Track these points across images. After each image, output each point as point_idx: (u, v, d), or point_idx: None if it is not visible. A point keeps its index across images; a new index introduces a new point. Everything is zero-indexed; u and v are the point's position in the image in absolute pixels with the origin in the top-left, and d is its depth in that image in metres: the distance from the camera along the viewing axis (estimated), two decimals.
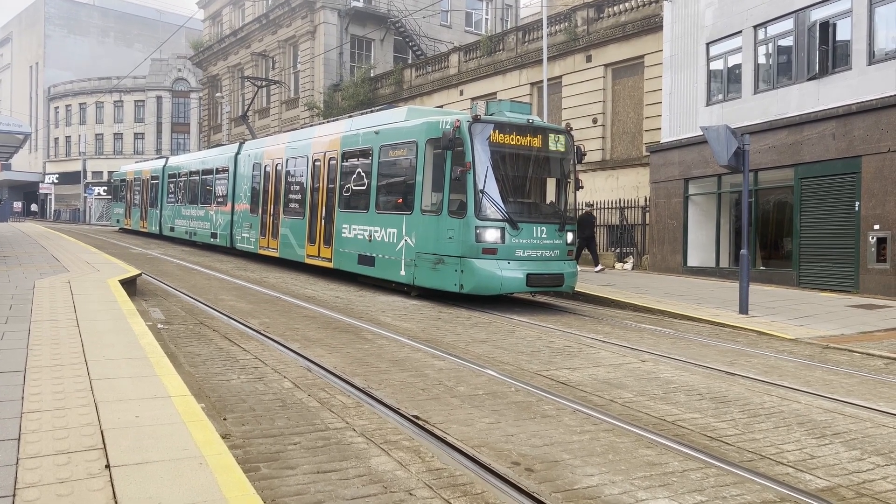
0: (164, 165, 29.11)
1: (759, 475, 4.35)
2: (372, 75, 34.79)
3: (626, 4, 22.07)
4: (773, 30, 16.86)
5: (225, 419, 5.02)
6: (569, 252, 12.34)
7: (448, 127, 11.62)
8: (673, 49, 19.39)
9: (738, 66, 17.67)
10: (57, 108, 68.56)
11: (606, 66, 22.70)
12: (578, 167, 13.29)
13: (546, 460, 4.47)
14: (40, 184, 69.08)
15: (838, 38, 15.48)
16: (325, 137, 16.30)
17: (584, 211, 18.55)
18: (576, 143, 12.89)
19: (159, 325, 8.83)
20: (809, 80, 15.88)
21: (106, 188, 62.50)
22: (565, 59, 23.89)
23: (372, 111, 15.69)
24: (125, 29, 73.23)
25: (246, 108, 29.93)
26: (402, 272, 12.73)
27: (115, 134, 65.95)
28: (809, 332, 10.22)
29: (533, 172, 12.46)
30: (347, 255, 14.62)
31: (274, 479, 3.94)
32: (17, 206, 67.91)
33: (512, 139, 11.79)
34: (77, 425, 4.01)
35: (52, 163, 69.52)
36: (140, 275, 12.65)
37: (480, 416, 5.40)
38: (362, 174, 14.35)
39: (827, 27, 15.53)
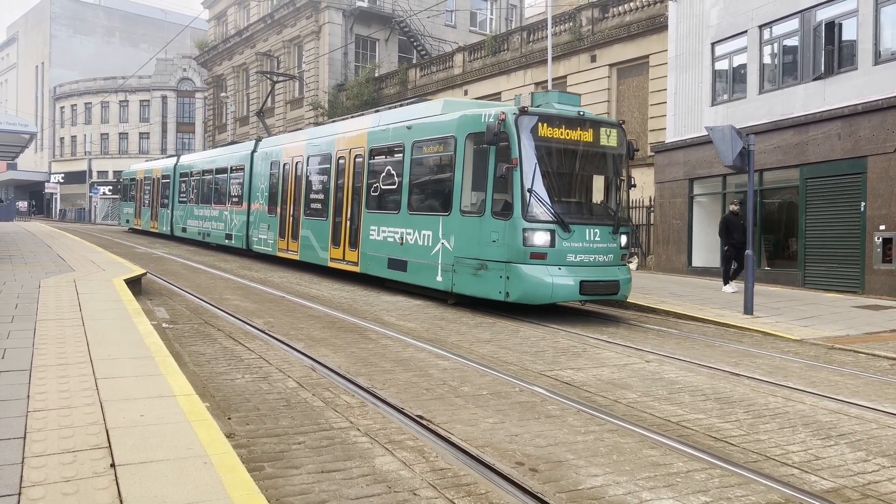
0: (176, 164, 28.46)
1: (763, 476, 4.34)
2: (376, 75, 34.81)
3: (631, 4, 22.04)
4: (778, 30, 16.81)
5: (229, 418, 5.03)
6: (622, 256, 11.31)
7: (492, 120, 10.63)
8: (678, 49, 19.35)
9: (744, 66, 17.62)
10: (62, 107, 68.77)
11: (611, 65, 22.67)
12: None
13: (550, 460, 4.47)
14: (46, 183, 69.29)
15: (844, 37, 15.43)
16: (350, 134, 15.31)
17: (729, 211, 15.24)
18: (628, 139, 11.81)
19: (164, 325, 8.85)
20: (815, 80, 15.83)
21: (111, 188, 62.76)
22: (570, 59, 23.87)
23: (401, 104, 14.74)
24: (131, 29, 73.41)
25: (262, 104, 29.06)
26: (439, 278, 11.80)
27: (120, 133, 66.11)
28: (814, 332, 10.19)
29: (584, 169, 11.40)
30: (376, 258, 13.69)
31: (278, 479, 3.94)
32: (22, 205, 68.14)
33: (561, 133, 10.74)
34: (82, 424, 4.03)
35: (57, 162, 69.73)
36: (145, 274, 12.69)
37: (485, 416, 5.40)
38: (392, 172, 13.39)
39: (833, 27, 15.48)
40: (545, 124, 10.63)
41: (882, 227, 14.58)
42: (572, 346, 8.67)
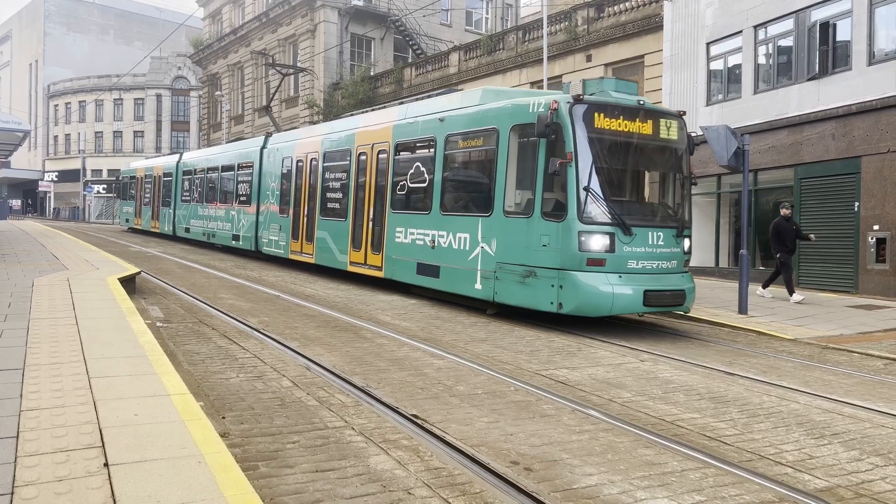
0: (179, 162, 27.38)
1: (757, 475, 4.34)
2: (372, 74, 34.77)
3: (627, 4, 22.06)
4: (773, 30, 16.86)
5: (224, 418, 5.02)
6: (685, 263, 10.25)
7: (542, 109, 9.51)
8: (673, 49, 19.39)
9: (738, 66, 17.67)
10: (56, 105, 68.52)
11: (606, 65, 22.68)
12: None
13: (545, 459, 4.47)
14: (39, 182, 69.04)
15: (838, 38, 15.48)
16: (373, 128, 14.20)
17: (780, 216, 13.68)
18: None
19: (158, 324, 8.83)
20: (809, 80, 15.87)
21: (105, 186, 62.55)
22: (565, 59, 23.87)
23: (430, 95, 13.69)
24: (125, 27, 73.19)
25: (269, 98, 27.26)
26: (478, 286, 10.70)
27: (114, 132, 65.91)
28: (808, 332, 10.22)
29: (644, 165, 10.50)
30: (402, 263, 12.61)
31: (272, 478, 3.93)
32: (16, 203, 67.86)
33: (620, 125, 9.63)
34: (76, 423, 4.01)
35: (51, 160, 69.47)
36: (139, 273, 12.65)
37: (479, 416, 5.39)
38: (422, 169, 12.32)
39: (827, 27, 15.53)
40: (602, 114, 9.52)
41: (876, 227, 14.64)
42: (567, 346, 8.68)
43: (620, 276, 9.28)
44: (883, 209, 14.50)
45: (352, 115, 16.77)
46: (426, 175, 12.21)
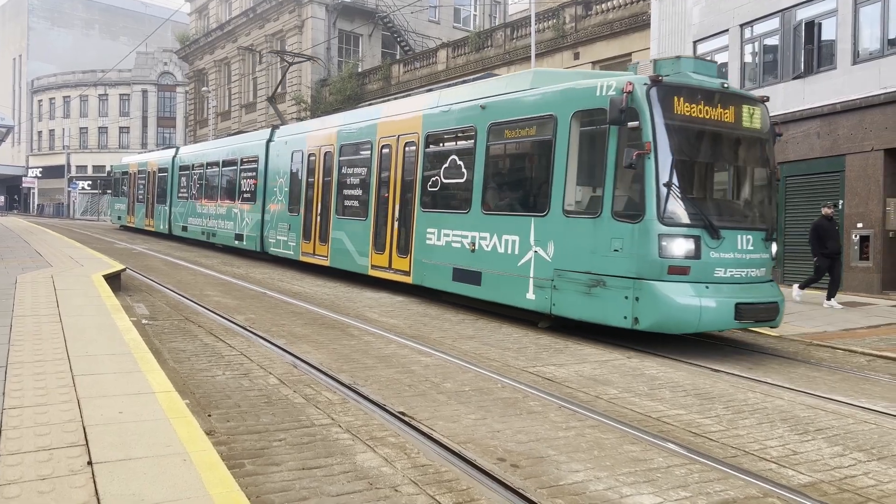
0: (175, 156, 26.03)
1: (742, 471, 4.38)
2: (360, 70, 34.67)
3: (614, 2, 22.12)
4: (759, 29, 16.96)
5: (210, 415, 4.99)
6: (772, 270, 9.09)
7: (614, 93, 8.32)
8: (660, 47, 19.46)
9: (725, 65, 17.75)
10: (40, 100, 67.83)
11: (594, 63, 22.74)
12: None
13: (532, 456, 4.48)
14: (23, 178, 68.33)
15: (823, 37, 15.61)
16: (398, 118, 12.94)
17: (821, 215, 13.03)
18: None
19: (144, 321, 8.76)
20: (795, 79, 15.99)
21: (90, 182, 62.02)
22: (553, 56, 23.91)
23: (465, 81, 12.49)
24: (110, 21, 72.54)
25: (273, 89, 25.50)
26: (531, 295, 9.47)
27: (99, 128, 65.35)
28: (793, 329, 10.30)
29: (728, 158, 9.30)
30: (435, 268, 11.41)
31: (259, 476, 3.92)
32: None
33: (703, 111, 8.47)
34: (59, 422, 3.97)
35: (35, 156, 68.78)
36: (124, 270, 12.55)
37: (467, 413, 5.40)
38: (458, 163, 11.15)
39: (812, 27, 15.64)
40: (683, 99, 8.33)
41: (860, 225, 14.78)
42: (554, 343, 8.70)
43: (707, 287, 8.05)
44: (866, 207, 14.65)
45: (370, 104, 15.62)
46: (464, 170, 11.02)
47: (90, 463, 3.41)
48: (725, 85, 8.94)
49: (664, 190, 8.05)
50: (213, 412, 5.08)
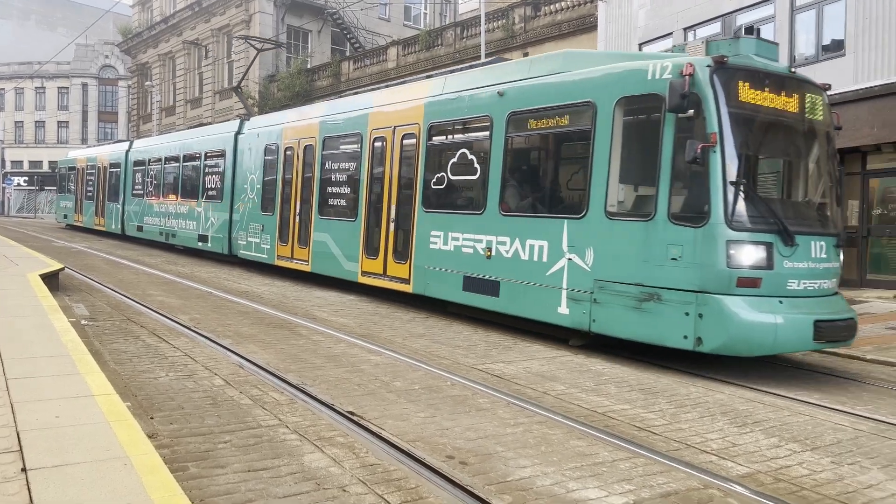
0: (128, 150, 24.45)
1: (684, 464, 4.50)
2: (309, 66, 34.28)
3: (562, 4, 22.40)
4: (702, 32, 17.41)
5: (152, 418, 4.87)
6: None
7: (673, 76, 7.19)
8: (607, 49, 19.79)
9: None
10: None
11: None
12: None
13: (480, 453, 4.51)
14: None
15: None
16: (394, 107, 11.68)
17: None
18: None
19: (83, 322, 8.49)
20: None
21: (26, 178, 59.73)
22: (503, 56, 24.09)
23: (473, 66, 11.35)
24: (48, 12, 69.94)
25: (241, 77, 23.79)
26: (563, 309, 8.28)
27: (36, 122, 62.97)
28: None
29: (796, 152, 8.18)
30: (441, 276, 10.17)
31: (203, 479, 3.84)
32: None
33: (770, 99, 7.42)
34: None
35: None
36: (63, 269, 12.14)
37: (416, 411, 5.40)
38: (470, 158, 9.94)
39: (752, 32, 16.10)
40: (749, 84, 7.29)
41: None
42: (503, 340, 8.77)
43: (781, 302, 7.02)
44: None
45: (356, 92, 14.38)
46: (477, 165, 9.78)
47: (24, 469, 3.29)
48: (793, 70, 7.99)
49: (732, 189, 6.96)
50: (156, 415, 4.96)
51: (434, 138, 10.69)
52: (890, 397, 6.59)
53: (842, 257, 7.90)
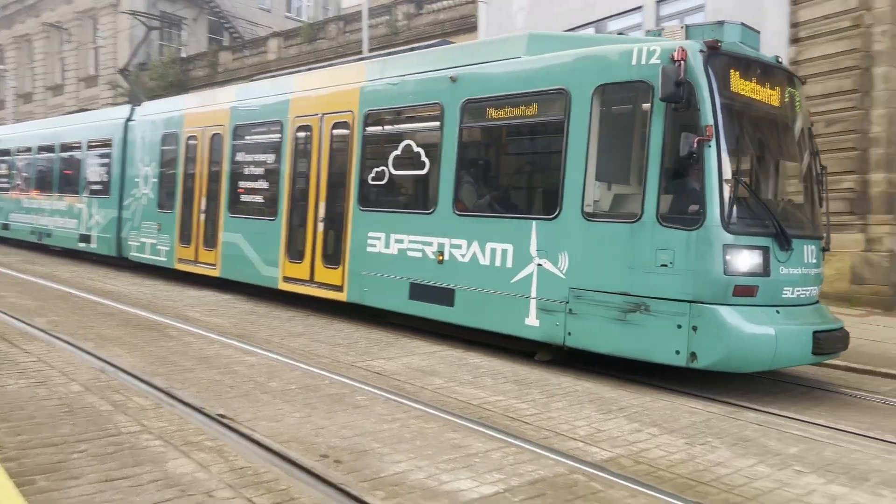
0: None
1: (552, 451, 4.67)
2: (183, 55, 32.74)
3: (445, 3, 22.64)
4: None
5: None
6: None
7: (662, 61, 6.51)
8: None
9: None
10: None
11: None
12: None
13: (355, 450, 4.49)
14: None
15: None
16: (323, 92, 10.42)
17: None
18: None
19: None
20: None
21: None
22: None
23: (414, 48, 10.23)
24: None
25: (129, 58, 21.81)
26: (532, 321, 7.47)
27: None
28: None
29: (784, 149, 7.70)
30: (382, 282, 9.11)
31: (53, 492, 3.58)
32: None
33: (760, 91, 6.96)
34: None
35: None
36: None
37: (291, 411, 5.29)
38: (416, 150, 8.92)
39: None
40: (740, 73, 6.76)
41: None
42: (385, 337, 8.76)
43: (778, 312, 6.52)
44: None
45: (274, 75, 13.19)
46: (425, 158, 8.80)
47: None
48: (780, 59, 7.51)
49: (728, 188, 6.34)
50: (2, 425, 4.57)
51: (372, 128, 9.63)
52: (738, 382, 7.14)
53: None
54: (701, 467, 4.53)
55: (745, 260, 6.39)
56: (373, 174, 9.49)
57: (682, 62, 6.30)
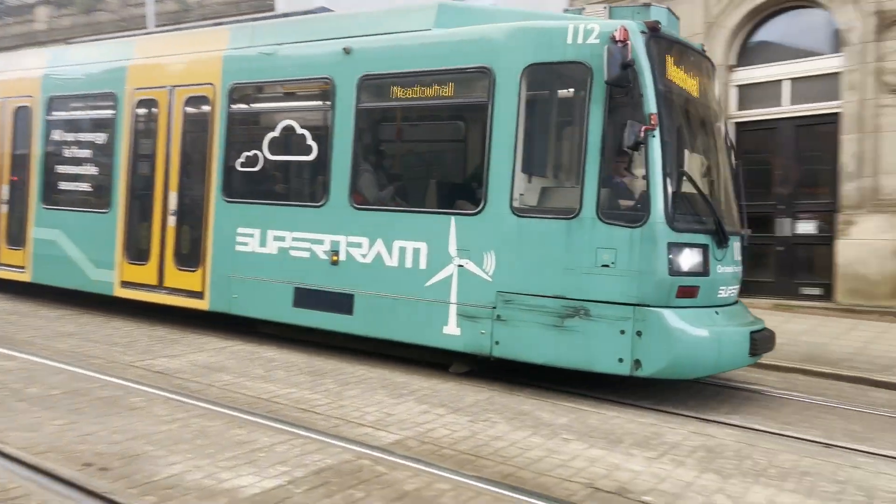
0: None
1: (340, 438, 4.69)
2: None
3: None
4: None
5: None
6: None
7: (602, 41, 5.93)
8: None
9: None
10: None
11: None
12: None
13: (126, 455, 4.17)
14: None
15: None
16: (174, 59, 8.91)
17: None
18: None
19: None
20: None
21: None
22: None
23: (289, 14, 9.05)
24: None
25: None
26: (452, 329, 6.63)
27: None
28: None
29: (711, 140, 7.18)
30: (258, 287, 7.83)
31: None
32: None
33: (687, 79, 6.57)
34: None
35: None
36: None
37: (52, 419, 4.79)
38: (300, 132, 7.70)
39: None
40: (674, 60, 6.33)
41: None
42: (170, 334, 8.23)
43: (717, 313, 6.22)
44: None
45: (114, 36, 11.08)
46: (311, 142, 7.61)
47: None
48: (704, 48, 7.29)
49: (672, 181, 5.92)
50: None
51: (239, 105, 8.28)
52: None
53: None
54: (481, 442, 4.79)
55: (688, 259, 5.97)
56: (242, 159, 8.09)
57: (628, 43, 5.76)
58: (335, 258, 7.30)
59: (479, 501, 3.78)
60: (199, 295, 8.29)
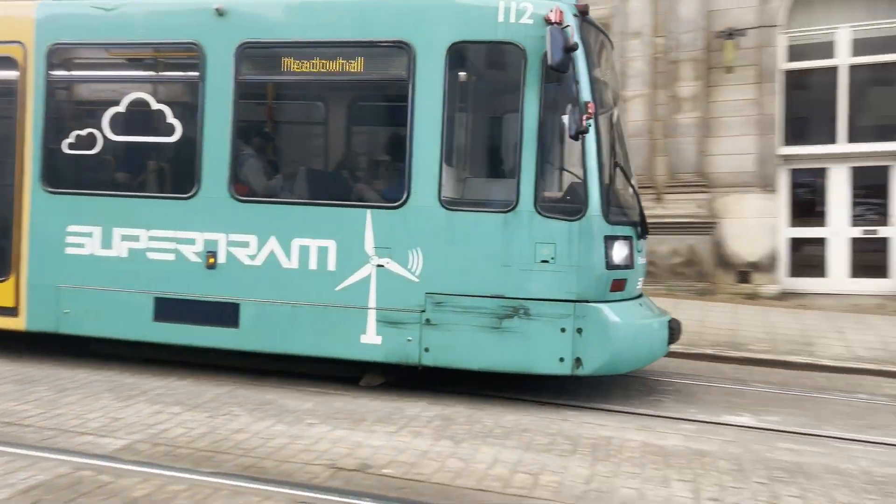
0: None
1: (56, 450, 4.22)
2: None
3: None
4: None
5: None
6: None
7: (535, 21, 5.54)
8: None
9: None
10: None
11: None
12: None
13: None
14: None
15: None
16: None
17: None
18: None
19: None
20: None
21: None
22: None
23: None
24: None
25: None
26: (372, 338, 5.88)
27: None
28: None
29: (619, 123, 6.94)
30: (101, 299, 6.37)
31: None
32: None
33: (605, 64, 6.39)
34: None
35: None
36: None
37: None
38: (157, 107, 6.41)
39: None
40: (598, 45, 6.17)
41: None
42: None
43: (641, 305, 6.17)
44: None
45: None
46: (173, 120, 6.37)
47: None
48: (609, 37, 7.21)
49: (606, 172, 5.74)
50: None
51: (63, 71, 6.78)
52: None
53: None
54: (221, 437, 4.62)
55: (619, 252, 5.84)
56: (72, 139, 6.59)
57: (570, 26, 5.48)
58: (211, 260, 6.21)
59: (216, 498, 3.64)
60: (10, 311, 6.65)
